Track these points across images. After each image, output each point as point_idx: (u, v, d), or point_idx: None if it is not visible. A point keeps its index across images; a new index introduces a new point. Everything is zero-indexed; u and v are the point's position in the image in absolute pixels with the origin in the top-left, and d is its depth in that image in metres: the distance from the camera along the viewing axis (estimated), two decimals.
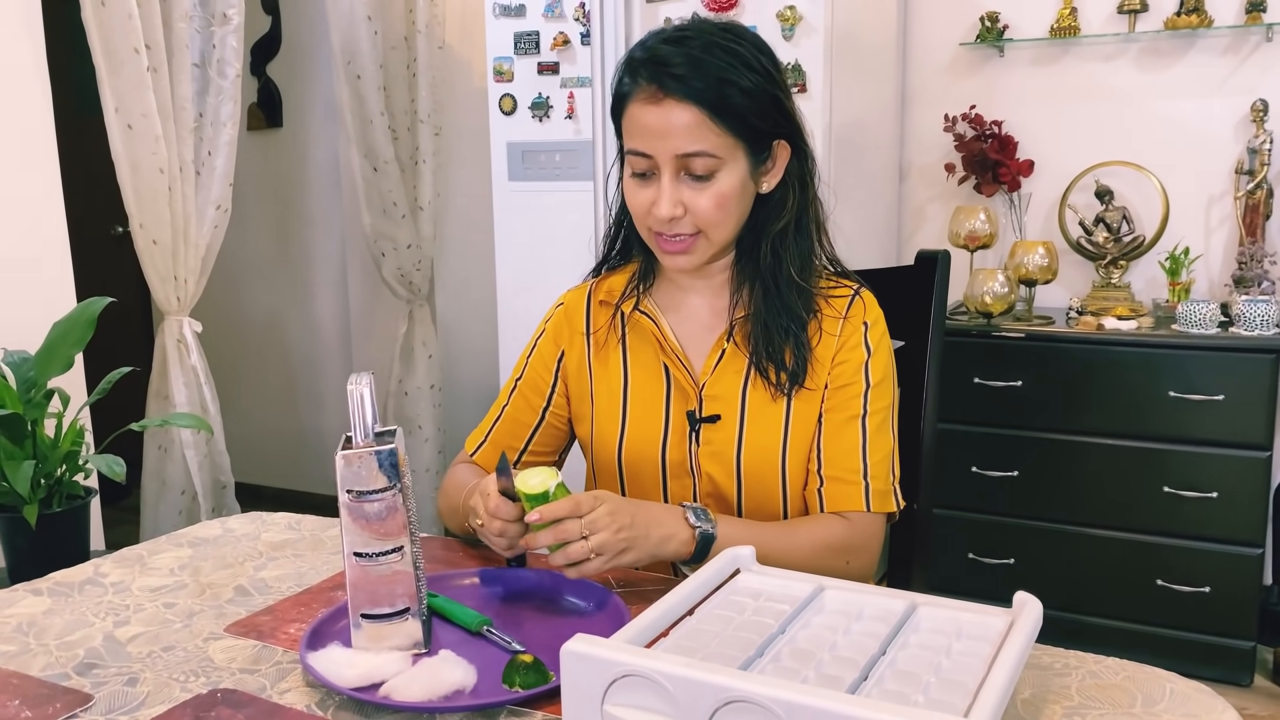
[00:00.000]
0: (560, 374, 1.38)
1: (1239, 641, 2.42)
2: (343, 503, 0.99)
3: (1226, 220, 2.72)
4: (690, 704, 0.75)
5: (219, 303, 3.73)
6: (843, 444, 1.26)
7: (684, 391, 1.30)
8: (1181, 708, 0.89)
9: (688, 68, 1.16)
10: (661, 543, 1.12)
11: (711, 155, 1.18)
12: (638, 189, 1.23)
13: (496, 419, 1.41)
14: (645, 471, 1.31)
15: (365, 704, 0.92)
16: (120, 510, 3.29)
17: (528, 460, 1.40)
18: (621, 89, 1.22)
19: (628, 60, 1.22)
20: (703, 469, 1.29)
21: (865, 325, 1.28)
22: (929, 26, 2.96)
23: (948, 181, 2.95)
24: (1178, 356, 2.40)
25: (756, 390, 1.27)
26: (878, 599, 0.94)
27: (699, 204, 1.20)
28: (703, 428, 1.28)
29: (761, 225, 1.26)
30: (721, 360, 1.29)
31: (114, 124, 2.44)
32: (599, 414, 1.34)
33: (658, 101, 1.17)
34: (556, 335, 1.39)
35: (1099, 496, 2.51)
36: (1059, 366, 2.51)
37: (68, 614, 1.14)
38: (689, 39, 1.19)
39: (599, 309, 1.37)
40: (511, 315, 2.84)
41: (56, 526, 1.97)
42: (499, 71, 2.72)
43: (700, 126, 1.17)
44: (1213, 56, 2.68)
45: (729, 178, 1.20)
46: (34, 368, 2.02)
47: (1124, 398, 2.45)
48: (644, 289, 1.34)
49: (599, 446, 1.34)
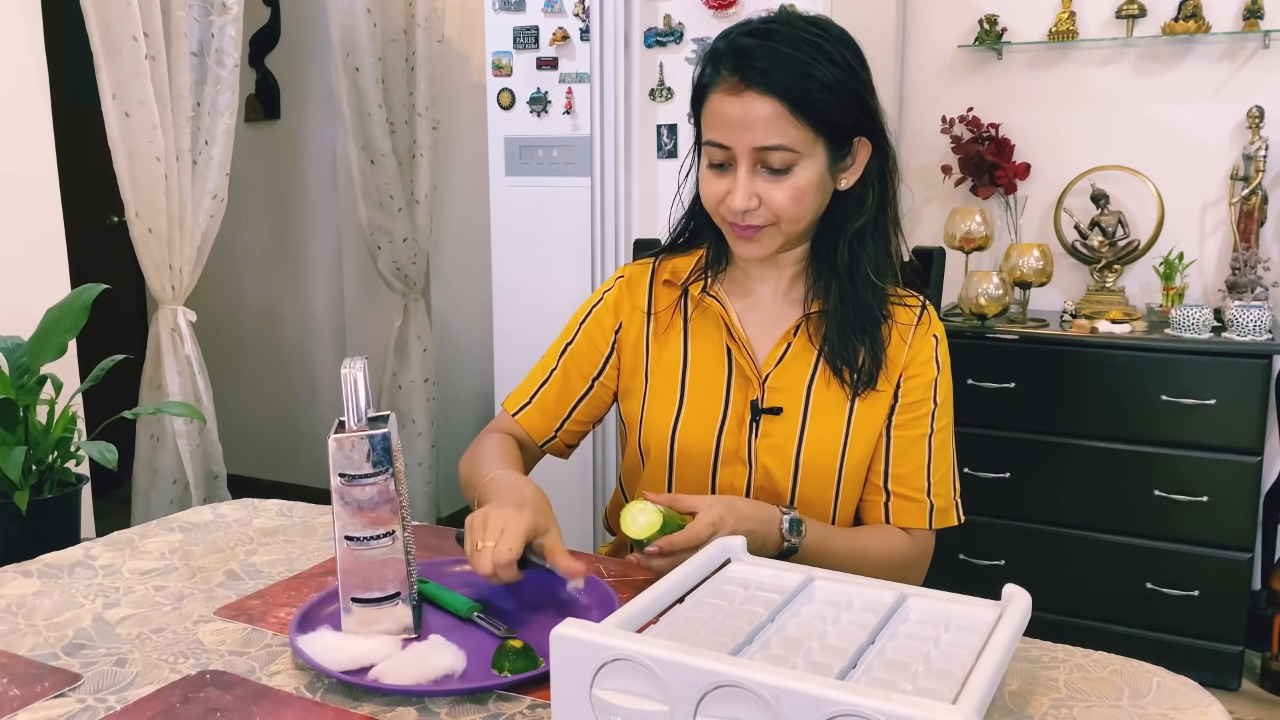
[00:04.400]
0: (617, 345, 1.37)
1: (1227, 645, 2.43)
2: (334, 487, 0.99)
3: (1221, 226, 2.73)
4: (679, 688, 0.75)
5: (214, 293, 3.73)
6: (910, 463, 1.28)
7: (746, 379, 1.29)
8: (1168, 700, 0.89)
9: (770, 60, 1.15)
10: (756, 534, 1.14)
11: (790, 150, 1.16)
12: (714, 179, 1.22)
13: (544, 382, 1.39)
14: (697, 456, 1.30)
15: (354, 687, 0.92)
16: (111, 501, 3.28)
17: (569, 427, 1.38)
18: (703, 79, 1.21)
19: (711, 51, 1.21)
20: (759, 460, 1.28)
21: (935, 339, 1.29)
22: (928, 28, 2.97)
23: (944, 183, 2.96)
24: (1170, 361, 2.40)
25: (823, 387, 1.27)
26: (867, 590, 0.94)
27: (774, 197, 1.19)
28: (763, 418, 1.28)
29: (839, 223, 1.25)
30: (788, 353, 1.28)
31: (111, 111, 2.43)
32: (653, 394, 1.33)
33: (739, 93, 1.16)
34: (617, 305, 1.37)
35: (1090, 499, 2.52)
36: (1052, 369, 2.52)
37: (57, 595, 1.14)
38: (774, 31, 1.17)
39: (662, 289, 1.36)
40: (507, 310, 2.84)
41: (47, 513, 1.97)
42: (498, 66, 2.72)
43: (780, 120, 1.15)
44: (1210, 62, 2.69)
45: (806, 172, 1.18)
46: (27, 353, 2.01)
47: (1116, 401, 2.46)
48: (713, 274, 1.33)
49: (650, 427, 1.33)
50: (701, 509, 1.11)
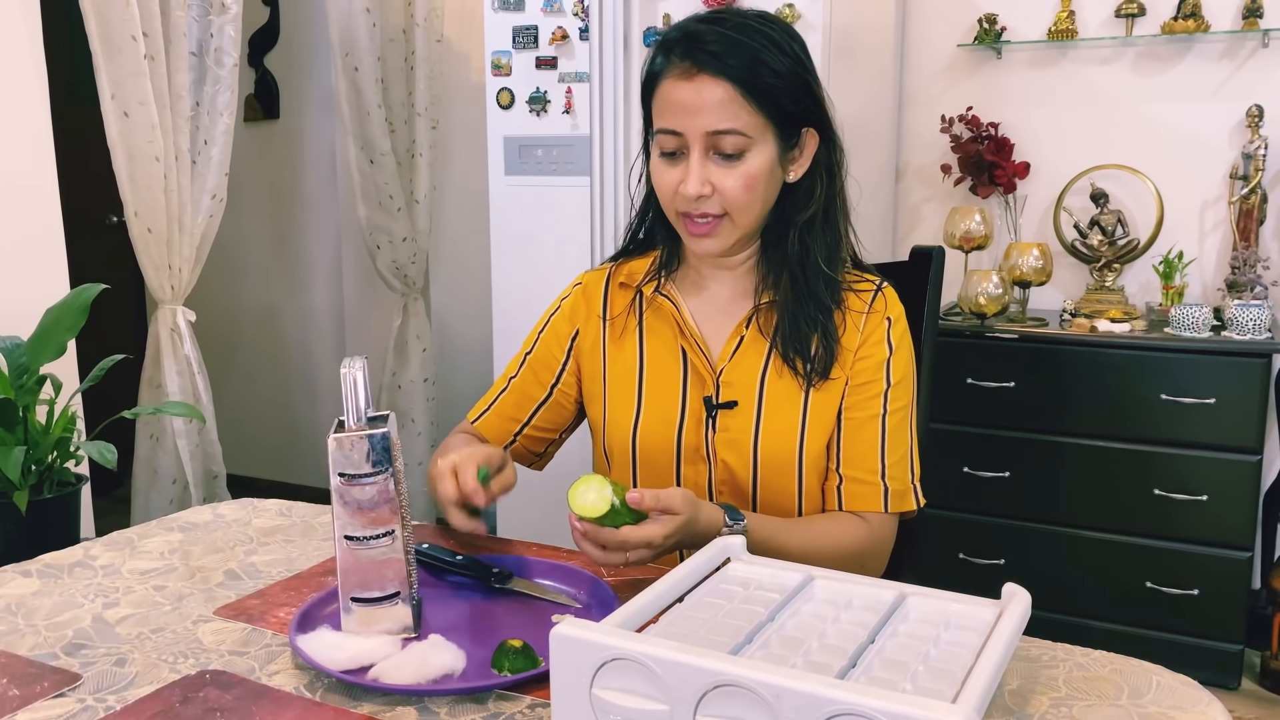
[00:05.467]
0: (573, 352, 1.38)
1: (1227, 644, 2.43)
2: (334, 486, 0.99)
3: (1220, 225, 2.73)
4: (679, 688, 0.75)
5: (213, 292, 3.73)
6: (862, 444, 1.26)
7: (701, 376, 1.29)
8: (1167, 699, 0.89)
9: (722, 45, 1.17)
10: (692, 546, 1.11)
11: (742, 134, 1.18)
12: (666, 169, 1.23)
13: (502, 390, 1.41)
14: (660, 456, 1.31)
15: (354, 686, 0.92)
16: (111, 500, 3.28)
17: (529, 434, 1.40)
18: (654, 68, 1.22)
19: (661, 40, 1.22)
20: (718, 455, 1.28)
21: (889, 321, 1.28)
22: (927, 27, 2.97)
23: (944, 182, 2.96)
24: (1170, 360, 2.40)
25: (776, 378, 1.27)
26: (867, 589, 0.94)
27: (727, 184, 1.20)
28: (719, 414, 1.28)
29: (789, 215, 1.26)
30: (740, 346, 1.29)
31: (110, 111, 2.43)
32: (613, 397, 1.34)
33: (691, 77, 1.18)
34: (573, 313, 1.39)
35: (1090, 498, 2.52)
36: (1052, 368, 2.52)
37: (57, 595, 1.14)
38: (723, 19, 1.20)
39: (618, 291, 1.37)
40: (506, 310, 2.84)
41: (46, 513, 1.97)
42: (497, 65, 2.72)
43: (732, 103, 1.17)
44: (1209, 61, 2.69)
45: (758, 159, 1.20)
46: (26, 353, 2.01)
47: (1116, 400, 2.46)
48: (666, 274, 1.34)
49: (613, 429, 1.34)
50: (661, 521, 1.08)
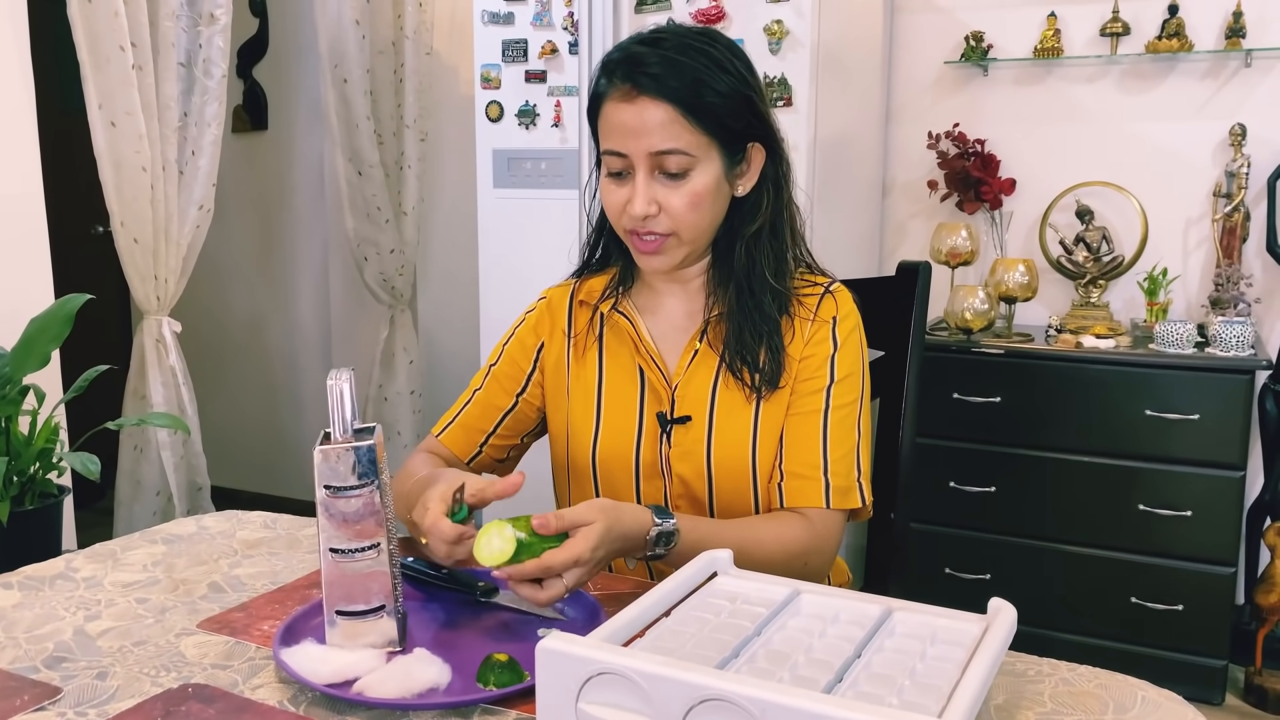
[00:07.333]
0: (539, 364, 1.39)
1: (1211, 660, 2.44)
2: (319, 498, 0.99)
3: (1204, 242, 2.75)
4: (665, 702, 0.75)
5: (199, 303, 3.71)
6: (803, 440, 1.26)
7: (657, 393, 1.31)
8: (1152, 715, 0.89)
9: (662, 67, 1.18)
10: (625, 551, 1.10)
11: (685, 153, 1.19)
12: (613, 189, 1.24)
13: (466, 403, 1.41)
14: (618, 472, 1.32)
15: (338, 700, 0.92)
16: (93, 512, 3.26)
17: (494, 443, 1.39)
18: (598, 89, 1.23)
19: (604, 62, 1.23)
20: (674, 470, 1.29)
21: (834, 320, 1.28)
22: (914, 44, 2.99)
23: (930, 198, 2.97)
24: (1154, 376, 2.42)
25: (727, 391, 1.28)
26: (854, 603, 0.94)
27: (672, 202, 1.21)
28: (674, 429, 1.29)
29: (737, 228, 1.27)
30: (694, 361, 1.30)
31: (97, 121, 2.42)
32: (574, 413, 1.35)
33: (632, 100, 1.19)
34: (538, 326, 1.40)
35: (1075, 513, 2.53)
36: (1037, 383, 2.53)
37: (38, 607, 1.13)
38: (663, 40, 1.21)
39: (579, 309, 1.38)
40: (494, 322, 2.84)
41: (28, 525, 1.95)
42: (486, 78, 2.73)
43: (674, 124, 1.18)
44: (1193, 80, 2.72)
45: (703, 177, 1.21)
46: (9, 363, 2.00)
47: (1101, 416, 2.47)
48: (623, 291, 1.35)
49: (574, 446, 1.35)
50: (581, 534, 1.02)
